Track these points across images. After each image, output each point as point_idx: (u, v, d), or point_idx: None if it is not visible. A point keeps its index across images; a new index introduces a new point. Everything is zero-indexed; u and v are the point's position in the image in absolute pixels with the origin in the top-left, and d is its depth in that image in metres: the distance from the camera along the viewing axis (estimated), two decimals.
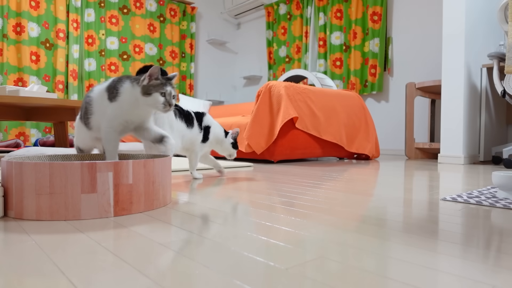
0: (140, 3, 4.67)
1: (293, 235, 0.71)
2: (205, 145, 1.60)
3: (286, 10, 4.92)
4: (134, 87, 1.06)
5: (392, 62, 3.94)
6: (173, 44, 4.96)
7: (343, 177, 1.72)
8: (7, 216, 0.85)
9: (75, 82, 4.18)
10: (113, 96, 1.06)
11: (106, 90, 1.08)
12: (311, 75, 3.67)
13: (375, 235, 0.71)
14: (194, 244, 0.65)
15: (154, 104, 1.06)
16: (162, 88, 1.06)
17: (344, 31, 4.23)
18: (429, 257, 0.59)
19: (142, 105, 1.07)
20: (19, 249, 0.61)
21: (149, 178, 0.92)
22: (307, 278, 0.50)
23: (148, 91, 1.05)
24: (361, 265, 0.55)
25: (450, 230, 0.75)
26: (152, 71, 1.04)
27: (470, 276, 0.51)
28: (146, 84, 1.05)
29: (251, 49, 5.55)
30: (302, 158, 3.07)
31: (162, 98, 1.06)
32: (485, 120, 2.88)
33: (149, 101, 1.05)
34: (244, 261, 0.56)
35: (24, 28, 3.83)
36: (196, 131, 1.55)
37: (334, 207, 1.00)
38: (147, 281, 0.48)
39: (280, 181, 1.56)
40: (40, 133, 4.02)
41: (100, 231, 0.72)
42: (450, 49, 2.74)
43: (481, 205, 1.04)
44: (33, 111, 2.62)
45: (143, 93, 1.05)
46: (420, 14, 3.71)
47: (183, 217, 0.86)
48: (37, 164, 0.81)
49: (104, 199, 0.84)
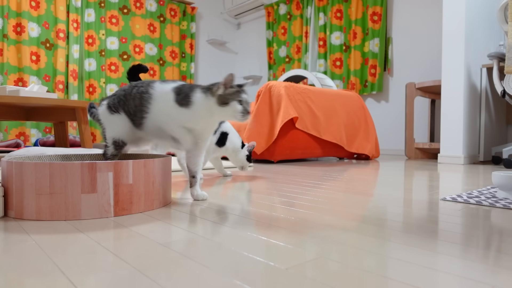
0: (140, 3, 4.67)
1: (293, 235, 0.71)
2: (220, 150, 1.62)
3: (286, 10, 4.92)
4: (208, 98, 0.99)
5: (392, 62, 3.94)
6: (173, 44, 4.96)
7: (343, 177, 1.72)
8: (7, 216, 0.85)
9: (75, 82, 4.18)
10: (185, 102, 1.00)
11: (174, 93, 1.01)
12: (311, 75, 3.67)
13: (375, 235, 0.71)
14: (194, 244, 0.65)
15: (232, 113, 0.99)
16: (238, 96, 0.98)
17: (344, 31, 4.23)
18: (429, 257, 0.59)
19: (217, 115, 1.00)
20: (19, 249, 0.61)
21: (149, 178, 0.92)
22: (307, 278, 0.50)
23: (225, 101, 0.98)
24: (361, 265, 0.55)
25: (450, 230, 0.75)
26: (227, 79, 0.97)
27: (470, 276, 0.51)
28: (223, 93, 0.98)
29: (251, 49, 5.55)
30: (302, 158, 3.07)
31: (240, 107, 0.98)
32: (485, 120, 2.88)
33: (227, 110, 0.98)
34: (244, 261, 0.56)
35: (24, 28, 3.83)
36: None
37: (334, 207, 1.00)
38: (147, 281, 0.48)
39: (280, 181, 1.56)
40: (40, 133, 4.02)
41: (100, 231, 0.72)
42: (450, 49, 2.74)
43: (481, 205, 1.04)
44: (33, 111, 2.62)
45: (220, 103, 0.98)
46: (420, 14, 3.71)
47: (183, 217, 0.86)
48: (37, 164, 0.81)
49: (104, 199, 0.84)
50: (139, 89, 1.04)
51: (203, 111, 0.99)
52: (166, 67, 4.89)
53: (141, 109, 1.03)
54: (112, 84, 4.44)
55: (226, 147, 1.61)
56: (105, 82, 4.40)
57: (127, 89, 1.07)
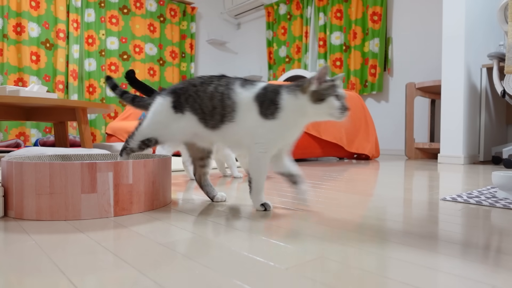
0: (140, 3, 4.67)
1: (293, 235, 0.71)
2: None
3: (286, 10, 4.92)
4: (298, 96, 0.88)
5: (392, 62, 3.94)
6: (173, 44, 4.96)
7: (343, 177, 1.72)
8: (7, 216, 0.85)
9: (75, 82, 4.18)
10: (271, 112, 0.87)
11: (256, 102, 0.89)
12: (311, 75, 3.67)
13: (375, 235, 0.71)
14: (194, 244, 0.65)
15: (329, 110, 0.87)
16: (335, 90, 0.87)
17: (344, 31, 4.23)
18: (429, 257, 0.59)
19: (311, 115, 0.89)
20: (19, 249, 0.61)
21: (149, 178, 0.92)
22: (307, 278, 0.50)
23: (321, 97, 0.87)
24: (361, 265, 0.55)
25: (450, 230, 0.75)
26: (321, 73, 0.87)
27: (470, 276, 0.51)
28: (317, 89, 0.87)
29: (251, 49, 5.56)
30: (302, 158, 3.07)
31: (337, 103, 0.86)
32: (485, 120, 2.88)
33: (322, 108, 0.87)
34: (244, 261, 0.56)
35: (24, 28, 3.83)
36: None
37: (334, 207, 1.00)
38: (147, 281, 0.48)
39: (280, 181, 1.56)
40: (40, 133, 4.02)
41: (100, 231, 0.72)
42: (450, 49, 2.74)
43: (481, 205, 1.04)
44: (33, 111, 2.62)
45: (315, 100, 0.87)
46: (420, 14, 3.71)
47: (183, 217, 0.86)
48: (37, 164, 0.81)
49: (104, 199, 0.84)
50: (217, 88, 0.92)
51: (294, 114, 0.88)
52: (166, 67, 4.89)
53: (223, 113, 0.90)
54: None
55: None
56: (105, 82, 4.40)
57: (198, 84, 0.94)
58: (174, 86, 0.98)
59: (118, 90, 1.12)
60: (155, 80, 4.77)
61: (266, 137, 0.88)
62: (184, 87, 0.95)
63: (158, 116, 0.96)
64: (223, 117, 0.90)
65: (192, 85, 0.94)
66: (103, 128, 4.37)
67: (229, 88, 0.91)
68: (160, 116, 0.95)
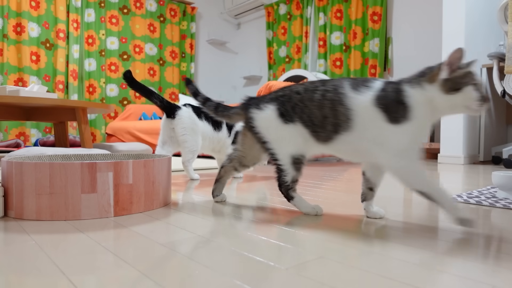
0: (140, 3, 4.67)
1: (293, 235, 0.71)
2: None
3: (286, 10, 4.92)
4: (425, 88, 0.75)
5: (392, 62, 3.94)
6: (173, 44, 4.96)
7: (343, 177, 1.72)
8: (7, 216, 0.85)
9: (75, 82, 4.18)
10: (402, 114, 0.74)
11: (378, 107, 0.76)
12: (311, 75, 3.68)
13: (375, 235, 0.71)
14: (194, 244, 0.65)
15: (465, 102, 0.73)
16: (472, 78, 0.72)
17: (344, 31, 4.23)
18: (429, 257, 0.59)
19: (443, 108, 0.75)
20: (19, 249, 0.61)
21: (149, 178, 0.92)
22: (307, 278, 0.50)
23: (456, 86, 0.72)
24: (361, 265, 0.55)
25: (450, 230, 0.75)
26: (454, 57, 0.72)
27: (470, 276, 0.51)
28: (449, 76, 0.73)
29: (251, 49, 5.55)
30: None
31: (476, 93, 0.72)
32: (485, 120, 2.88)
33: (457, 99, 0.73)
34: (244, 261, 0.56)
35: (24, 28, 3.83)
36: (224, 135, 1.64)
37: (334, 207, 1.00)
38: (147, 281, 0.48)
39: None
40: (40, 133, 4.02)
41: (100, 231, 0.72)
42: (450, 49, 2.74)
43: (481, 205, 1.04)
44: (33, 111, 2.62)
45: (448, 90, 0.73)
46: (420, 14, 3.71)
47: (183, 217, 0.86)
48: (37, 164, 0.81)
49: (104, 199, 0.84)
50: (325, 94, 0.81)
51: (426, 110, 0.75)
52: (166, 67, 4.89)
53: (336, 123, 0.80)
54: (112, 84, 4.44)
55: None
56: (105, 82, 4.40)
57: (302, 91, 0.84)
58: (271, 94, 0.88)
59: (201, 97, 1.02)
60: (155, 80, 4.77)
61: (403, 144, 0.75)
62: (287, 95, 0.85)
63: (274, 132, 0.86)
64: (337, 127, 0.79)
65: (296, 92, 0.84)
66: (103, 128, 4.37)
67: (339, 93, 0.79)
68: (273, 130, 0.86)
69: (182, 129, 1.51)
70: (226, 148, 1.67)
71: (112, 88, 4.44)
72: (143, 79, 4.66)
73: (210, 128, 1.60)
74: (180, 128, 1.51)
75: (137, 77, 4.62)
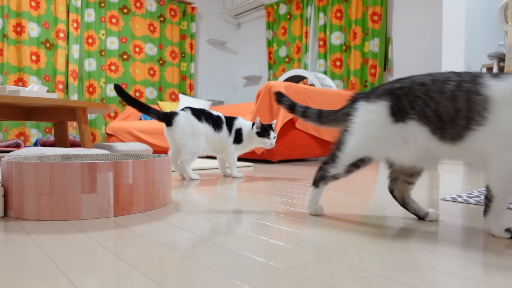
0: (140, 3, 4.67)
1: (293, 235, 0.71)
2: (240, 146, 1.71)
3: (286, 10, 4.92)
4: None
5: (392, 62, 3.94)
6: (173, 44, 4.96)
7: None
8: (7, 216, 0.85)
9: (75, 82, 4.18)
10: None
11: None
12: (311, 75, 3.67)
13: (375, 235, 0.71)
14: (194, 244, 0.65)
15: None
16: None
17: (344, 31, 4.23)
18: (429, 257, 0.59)
19: None
20: (19, 249, 0.61)
21: (149, 178, 0.92)
22: (307, 278, 0.50)
23: None
24: (361, 265, 0.55)
25: (450, 230, 0.75)
26: None
27: (470, 276, 0.51)
28: None
29: (251, 49, 5.55)
30: (302, 158, 3.06)
31: None
32: None
33: None
34: (244, 261, 0.56)
35: (24, 28, 3.83)
36: (225, 134, 1.66)
37: (334, 207, 1.00)
38: (147, 281, 0.48)
39: (280, 181, 1.56)
40: (40, 133, 4.02)
41: (100, 231, 0.72)
42: (450, 49, 2.74)
43: (481, 205, 1.04)
44: (33, 111, 2.62)
45: None
46: (420, 14, 3.71)
47: (183, 217, 0.86)
48: (37, 164, 0.81)
49: (104, 199, 0.84)
50: (461, 84, 0.69)
51: None
52: (166, 67, 4.89)
53: (470, 116, 0.67)
54: (112, 84, 4.44)
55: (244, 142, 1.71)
56: (105, 82, 4.40)
57: (428, 82, 0.72)
58: (386, 85, 0.77)
59: (300, 107, 0.91)
60: (155, 80, 4.77)
61: None
62: (406, 87, 0.73)
63: (371, 128, 0.76)
64: (470, 121, 0.67)
65: (419, 84, 0.72)
66: (103, 128, 4.37)
67: (478, 82, 0.68)
68: (374, 129, 0.75)
69: (181, 133, 1.53)
70: (228, 147, 1.68)
71: (112, 88, 4.44)
72: (143, 79, 4.66)
73: (211, 129, 1.61)
74: (179, 133, 1.53)
75: (137, 77, 4.62)
